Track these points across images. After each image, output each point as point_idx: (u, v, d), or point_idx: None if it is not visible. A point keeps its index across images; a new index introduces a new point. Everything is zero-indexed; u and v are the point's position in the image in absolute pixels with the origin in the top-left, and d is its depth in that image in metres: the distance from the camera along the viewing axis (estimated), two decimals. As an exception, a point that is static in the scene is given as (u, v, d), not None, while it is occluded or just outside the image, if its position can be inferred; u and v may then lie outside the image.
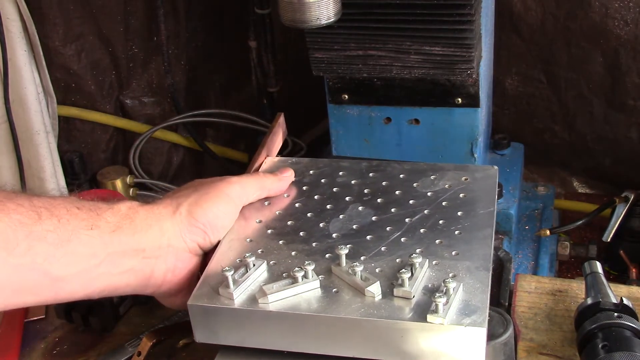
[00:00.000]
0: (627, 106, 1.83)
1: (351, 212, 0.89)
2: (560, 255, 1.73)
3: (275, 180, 0.94)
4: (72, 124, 2.01)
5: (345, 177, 0.96)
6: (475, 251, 0.80)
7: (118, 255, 0.80)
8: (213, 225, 0.85)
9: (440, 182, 0.93)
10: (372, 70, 1.42)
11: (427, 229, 0.85)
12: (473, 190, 0.90)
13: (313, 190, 0.94)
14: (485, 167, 0.95)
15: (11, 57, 1.72)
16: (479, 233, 0.83)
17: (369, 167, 0.97)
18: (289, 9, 1.14)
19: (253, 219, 0.90)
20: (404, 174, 0.95)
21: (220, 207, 0.86)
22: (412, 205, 0.89)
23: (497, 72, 1.80)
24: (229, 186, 0.87)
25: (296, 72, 1.96)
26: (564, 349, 0.84)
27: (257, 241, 0.86)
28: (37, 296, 0.77)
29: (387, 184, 0.94)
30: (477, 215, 0.86)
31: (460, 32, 1.33)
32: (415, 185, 0.93)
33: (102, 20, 1.89)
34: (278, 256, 0.83)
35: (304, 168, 0.99)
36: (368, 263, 0.80)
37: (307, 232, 0.87)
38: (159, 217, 0.83)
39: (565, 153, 2.01)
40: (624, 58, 1.76)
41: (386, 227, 0.86)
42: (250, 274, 0.79)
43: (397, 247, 0.82)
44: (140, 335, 0.93)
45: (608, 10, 1.71)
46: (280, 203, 0.93)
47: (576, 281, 0.93)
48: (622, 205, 1.65)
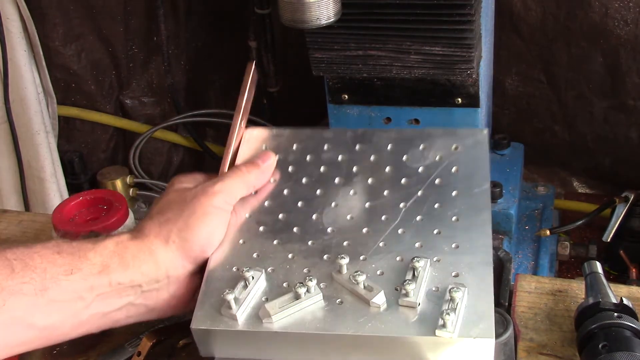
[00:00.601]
0: (627, 106, 1.83)
1: (343, 198, 0.86)
2: (560, 255, 1.73)
3: (258, 174, 0.89)
4: (72, 124, 2.01)
5: (331, 152, 0.91)
6: (475, 242, 0.79)
7: (109, 295, 0.77)
8: (208, 244, 0.82)
9: (430, 153, 0.89)
10: (372, 70, 1.42)
11: (423, 216, 0.82)
12: (465, 163, 0.87)
13: (299, 171, 0.90)
14: (474, 131, 0.91)
15: (11, 57, 1.73)
16: (477, 218, 0.81)
17: (354, 137, 0.92)
18: (289, 9, 1.14)
19: (241, 212, 0.87)
20: (392, 143, 0.90)
21: (211, 225, 0.82)
22: (404, 185, 0.86)
23: (497, 72, 1.80)
24: (213, 198, 0.82)
25: (296, 72, 1.96)
26: (564, 349, 0.83)
27: (250, 242, 0.83)
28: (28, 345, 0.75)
29: (376, 159, 0.89)
30: (472, 195, 0.84)
31: (460, 32, 1.33)
32: (404, 158, 0.89)
33: (102, 20, 1.89)
34: (275, 261, 0.81)
35: (286, 142, 0.94)
36: (369, 264, 0.79)
37: (301, 228, 0.84)
38: (151, 251, 0.79)
39: (565, 153, 2.02)
40: (624, 58, 1.76)
41: (381, 216, 0.83)
42: (250, 289, 0.77)
43: (395, 241, 0.81)
44: (140, 335, 0.92)
45: (608, 10, 1.71)
46: (267, 190, 0.89)
47: (576, 281, 0.93)
48: (622, 205, 1.65)
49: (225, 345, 0.77)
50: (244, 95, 0.95)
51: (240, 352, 0.77)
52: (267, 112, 2.09)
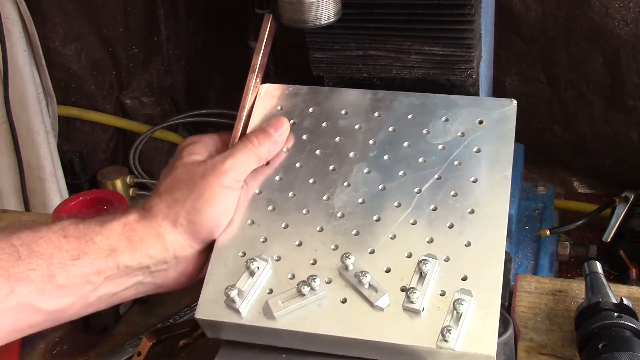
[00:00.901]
0: (627, 106, 1.83)
1: (356, 177, 0.82)
2: (560, 255, 1.73)
3: (270, 145, 0.85)
4: (72, 124, 2.01)
5: (348, 119, 0.86)
6: (488, 240, 0.75)
7: (117, 277, 0.77)
8: (217, 225, 0.81)
9: (452, 126, 0.83)
10: (372, 70, 1.42)
11: (437, 205, 0.78)
12: (488, 142, 0.82)
13: (314, 140, 0.86)
14: (502, 102, 0.86)
15: (11, 57, 1.73)
16: (493, 211, 0.77)
17: (374, 101, 0.88)
18: (288, 9, 1.14)
19: (252, 186, 0.84)
20: (413, 113, 0.86)
21: (220, 207, 0.81)
22: (421, 165, 0.81)
23: (497, 72, 1.79)
24: (222, 177, 0.80)
25: (296, 73, 1.96)
26: (564, 349, 0.83)
27: (258, 224, 0.81)
28: (38, 328, 0.76)
29: (394, 131, 0.84)
30: (492, 182, 0.79)
31: (460, 32, 1.33)
32: (424, 132, 0.84)
33: (102, 20, 1.89)
34: (282, 247, 0.79)
35: (302, 103, 0.89)
36: (376, 259, 0.76)
37: (311, 210, 0.81)
38: (158, 233, 0.79)
39: (565, 153, 2.01)
40: (624, 58, 1.75)
41: (394, 202, 0.79)
42: (255, 280, 0.76)
43: (406, 234, 0.77)
44: (140, 335, 0.92)
45: (608, 10, 1.71)
46: (279, 161, 0.85)
47: (576, 281, 0.93)
48: (622, 205, 1.65)
49: (230, 332, 0.77)
50: (259, 51, 0.91)
51: (245, 338, 0.77)
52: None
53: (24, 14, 1.73)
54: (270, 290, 0.76)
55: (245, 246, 0.80)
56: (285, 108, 0.89)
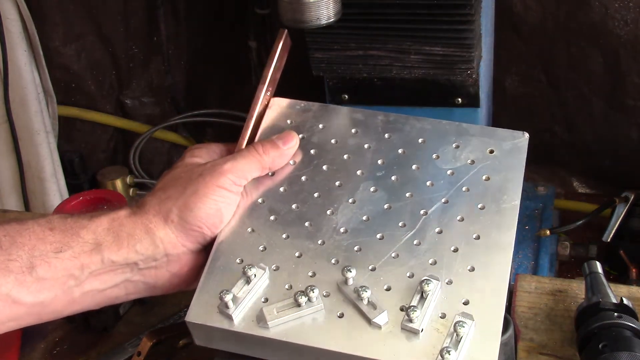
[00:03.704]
0: (627, 106, 1.83)
1: (362, 194, 0.80)
2: (560, 255, 1.73)
3: (276, 156, 0.83)
4: (72, 124, 2.01)
5: (358, 138, 0.85)
6: (492, 267, 0.73)
7: (103, 273, 0.75)
8: (211, 224, 0.78)
9: (463, 153, 0.82)
10: (372, 70, 1.42)
11: (442, 228, 0.77)
12: (498, 171, 0.81)
13: (321, 156, 0.84)
14: (515, 135, 0.85)
15: (11, 57, 1.73)
16: (499, 239, 0.75)
17: (386, 123, 0.86)
18: (289, 9, 1.14)
19: (254, 195, 0.82)
20: (423, 137, 0.84)
21: (213, 207, 0.77)
22: (428, 189, 0.80)
23: (497, 72, 1.80)
24: (220, 178, 0.78)
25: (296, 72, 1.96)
26: (564, 349, 0.83)
27: (258, 232, 0.79)
28: (19, 322, 0.74)
29: (404, 153, 0.83)
30: (500, 211, 0.77)
31: (460, 32, 1.33)
32: (434, 157, 0.82)
33: (102, 20, 1.89)
34: (281, 257, 0.77)
35: (313, 119, 0.88)
36: (377, 276, 0.74)
37: (313, 223, 0.79)
38: (148, 229, 0.76)
39: (565, 153, 2.02)
40: (624, 58, 1.76)
41: (399, 222, 0.78)
42: (251, 288, 0.74)
43: (409, 254, 0.76)
44: (140, 335, 0.92)
45: (608, 10, 1.71)
46: (285, 173, 0.83)
47: (576, 281, 0.93)
48: (622, 205, 1.65)
49: (220, 340, 0.75)
50: (271, 64, 0.90)
51: (234, 348, 0.75)
52: (267, 112, 2.09)
53: (24, 14, 1.73)
54: (266, 299, 0.75)
55: (243, 253, 0.78)
56: (295, 122, 0.88)
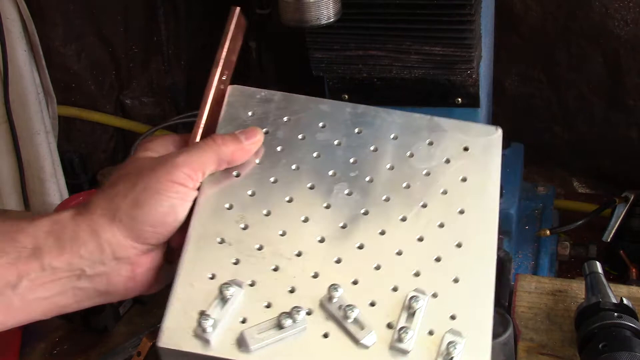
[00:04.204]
0: (627, 106, 1.83)
1: (336, 198, 0.76)
2: (560, 255, 1.73)
3: (237, 150, 0.76)
4: (72, 124, 2.01)
5: (326, 133, 0.80)
6: (477, 276, 0.71)
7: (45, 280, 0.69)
8: (163, 223, 0.72)
9: (437, 151, 0.79)
10: (372, 70, 1.42)
11: (423, 235, 0.74)
12: (474, 171, 0.79)
13: (289, 153, 0.79)
14: (487, 129, 0.83)
15: (11, 57, 1.72)
16: (481, 247, 0.73)
17: (354, 116, 0.82)
18: (288, 9, 1.14)
19: (222, 201, 0.75)
20: (395, 132, 0.80)
21: (166, 203, 0.71)
22: (405, 190, 0.77)
23: (497, 72, 1.79)
24: (173, 171, 0.72)
25: (296, 72, 1.96)
26: (564, 349, 0.84)
27: (229, 242, 0.73)
28: None
29: (376, 151, 0.79)
30: (479, 215, 0.75)
31: (460, 32, 1.33)
32: (408, 155, 0.79)
33: (102, 20, 1.89)
34: (255, 271, 0.72)
35: (276, 110, 0.82)
36: (359, 291, 0.71)
37: (287, 232, 0.74)
38: (92, 230, 0.70)
39: (565, 153, 2.01)
40: (624, 58, 1.75)
41: (377, 229, 0.74)
42: (228, 308, 0.69)
43: (391, 266, 0.72)
44: (140, 335, 0.93)
45: (608, 10, 1.71)
46: (252, 174, 0.77)
47: (576, 281, 0.93)
48: (622, 205, 1.65)
49: None
50: (224, 45, 0.84)
51: None
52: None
53: (24, 14, 1.73)
54: (244, 319, 0.69)
55: (214, 267, 0.72)
56: (257, 114, 0.82)
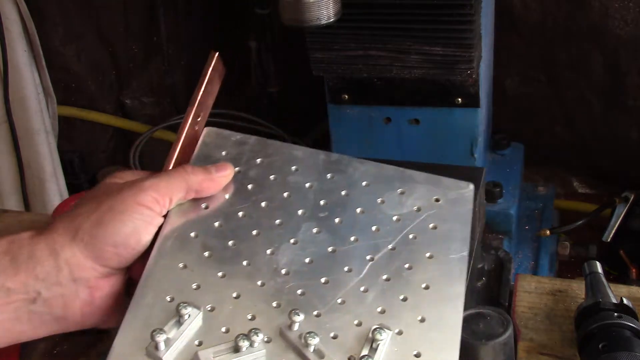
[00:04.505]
0: (627, 106, 1.83)
1: (304, 235, 0.75)
2: (560, 255, 1.73)
3: (205, 180, 0.75)
4: (72, 124, 2.01)
5: (298, 176, 0.80)
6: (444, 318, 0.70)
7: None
8: (125, 245, 0.69)
9: (408, 200, 0.79)
10: (372, 70, 1.42)
11: (390, 276, 0.73)
12: (445, 220, 0.77)
13: (260, 192, 0.79)
14: (460, 185, 0.81)
15: (11, 57, 1.73)
16: (449, 290, 0.72)
17: (327, 163, 0.82)
18: (289, 9, 1.14)
19: (188, 230, 0.75)
20: (367, 180, 0.80)
21: (129, 224, 0.69)
22: (374, 234, 0.76)
23: (497, 72, 1.80)
24: (139, 194, 0.70)
25: (296, 72, 1.96)
26: (564, 349, 0.83)
27: (192, 268, 0.72)
28: None
29: (347, 195, 0.79)
30: (449, 261, 0.74)
31: (460, 32, 1.33)
32: (379, 201, 0.79)
33: (102, 20, 1.89)
34: (217, 297, 0.70)
35: (250, 152, 0.82)
36: (322, 323, 0.69)
37: (251, 262, 0.73)
38: (52, 250, 0.67)
39: (565, 153, 2.02)
40: (624, 58, 1.76)
41: (344, 266, 0.73)
42: (184, 330, 0.67)
43: (356, 300, 0.71)
44: (140, 335, 0.92)
45: (608, 10, 1.71)
46: (221, 209, 0.77)
47: (576, 281, 0.93)
48: (622, 205, 1.65)
49: None
50: (200, 87, 0.84)
51: None
52: (267, 112, 2.09)
53: (24, 14, 1.73)
54: (200, 342, 0.68)
55: (174, 291, 0.70)
56: (231, 155, 0.82)
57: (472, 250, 0.89)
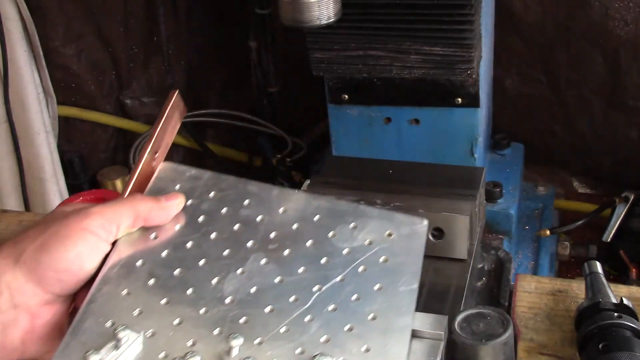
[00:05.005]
0: (627, 106, 1.83)
1: (252, 265, 0.75)
2: (560, 255, 1.73)
3: (154, 208, 0.75)
4: (72, 124, 2.01)
5: (250, 210, 0.80)
6: (389, 349, 0.70)
7: None
8: (68, 271, 0.68)
9: (360, 234, 0.78)
10: (372, 70, 1.42)
11: (337, 306, 0.72)
12: (396, 254, 0.77)
13: (210, 224, 0.79)
14: (414, 220, 0.80)
15: (11, 57, 1.73)
16: (396, 321, 0.71)
17: (281, 197, 0.82)
18: (289, 9, 1.14)
19: (134, 258, 0.75)
20: (320, 214, 0.80)
21: (74, 249, 0.68)
22: (323, 265, 0.75)
23: (497, 72, 1.80)
24: (86, 219, 0.69)
25: (296, 72, 1.96)
26: (564, 349, 0.83)
27: (135, 295, 0.72)
28: None
29: (298, 228, 0.79)
30: (397, 293, 0.73)
31: (460, 32, 1.33)
32: (330, 235, 0.78)
33: (102, 20, 1.89)
34: (158, 323, 0.70)
35: (203, 187, 0.82)
36: (264, 351, 0.69)
37: (196, 290, 0.73)
38: None
39: (565, 153, 2.02)
40: (624, 58, 1.76)
41: (290, 296, 0.73)
42: (121, 353, 0.67)
43: (299, 329, 0.70)
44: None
45: (608, 10, 1.71)
46: (170, 239, 0.77)
47: (576, 281, 0.93)
48: (622, 205, 1.65)
49: None
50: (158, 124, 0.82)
51: None
52: (267, 112, 2.09)
53: (24, 14, 1.73)
54: None
55: (115, 316, 0.70)
56: (184, 188, 0.82)
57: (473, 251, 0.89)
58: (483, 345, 0.75)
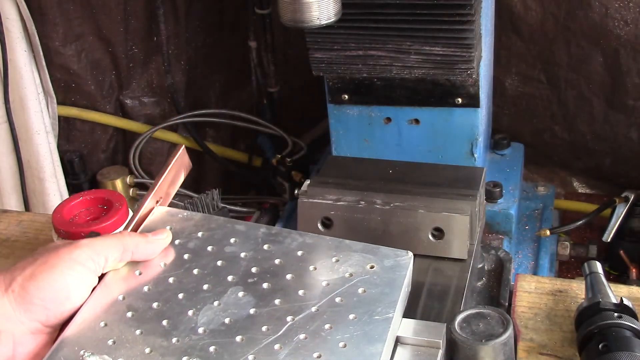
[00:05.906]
0: (627, 106, 1.83)
1: (229, 298, 0.77)
2: (560, 255, 1.73)
3: (141, 242, 0.78)
4: (72, 124, 2.01)
5: (235, 247, 0.83)
6: None
7: None
8: (55, 300, 0.70)
9: (342, 267, 0.79)
10: (372, 70, 1.42)
11: (308, 335, 0.73)
12: (376, 285, 0.77)
13: (195, 260, 0.81)
14: (399, 253, 0.81)
15: (11, 57, 1.73)
16: (367, 349, 0.71)
17: (267, 235, 0.84)
18: (289, 9, 1.14)
19: (117, 292, 0.78)
20: (303, 250, 0.81)
21: (62, 279, 0.70)
22: (300, 297, 0.77)
23: (497, 72, 1.80)
24: (75, 251, 0.72)
25: (296, 72, 1.96)
26: (564, 349, 0.83)
27: (111, 327, 0.74)
28: None
29: (280, 263, 0.80)
30: (372, 322, 0.74)
31: (460, 32, 1.33)
32: (311, 268, 0.80)
33: (102, 20, 1.89)
34: (129, 352, 0.72)
35: (193, 227, 0.85)
36: None
37: (171, 322, 0.75)
38: None
39: (565, 153, 2.02)
40: (624, 58, 1.76)
41: (262, 326, 0.74)
42: None
43: (267, 357, 0.71)
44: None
45: (608, 10, 1.71)
46: (153, 275, 0.80)
47: (576, 281, 0.93)
48: (622, 205, 1.65)
49: None
50: (161, 175, 0.87)
51: None
52: (267, 112, 2.09)
53: (24, 14, 1.73)
54: None
55: (90, 346, 0.73)
56: (174, 229, 0.85)
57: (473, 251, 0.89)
58: (483, 345, 0.75)
